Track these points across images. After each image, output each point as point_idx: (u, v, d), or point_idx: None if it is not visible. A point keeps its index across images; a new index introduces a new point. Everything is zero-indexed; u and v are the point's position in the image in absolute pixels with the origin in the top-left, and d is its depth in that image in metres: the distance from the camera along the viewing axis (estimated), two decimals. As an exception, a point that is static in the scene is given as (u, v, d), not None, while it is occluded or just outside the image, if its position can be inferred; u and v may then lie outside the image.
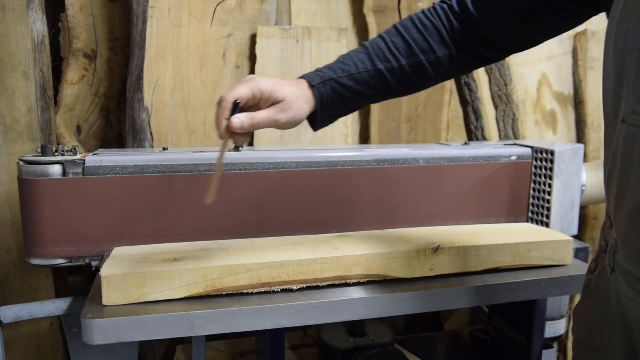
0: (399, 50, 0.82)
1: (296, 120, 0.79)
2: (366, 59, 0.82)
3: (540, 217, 1.32)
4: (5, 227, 1.31)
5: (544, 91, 1.80)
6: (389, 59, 0.82)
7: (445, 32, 0.82)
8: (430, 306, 0.94)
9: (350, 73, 0.81)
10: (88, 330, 0.79)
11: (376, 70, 0.82)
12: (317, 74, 0.81)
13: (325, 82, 0.80)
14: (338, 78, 0.80)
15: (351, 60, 0.82)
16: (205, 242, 1.04)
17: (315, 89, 0.80)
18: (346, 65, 0.81)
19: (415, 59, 0.82)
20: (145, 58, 1.36)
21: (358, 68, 0.81)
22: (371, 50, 0.82)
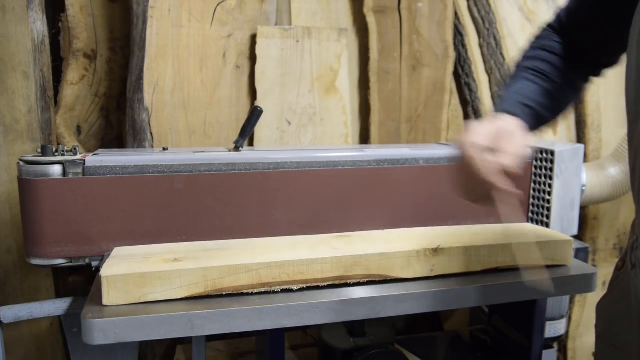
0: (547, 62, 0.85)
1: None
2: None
3: (540, 217, 1.32)
4: (5, 227, 1.31)
5: (544, 91, 1.79)
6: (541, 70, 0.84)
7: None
8: (430, 306, 0.94)
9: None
10: (88, 330, 0.79)
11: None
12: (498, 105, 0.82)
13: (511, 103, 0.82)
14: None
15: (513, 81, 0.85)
16: (205, 242, 1.04)
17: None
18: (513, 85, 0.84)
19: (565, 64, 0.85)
20: (145, 58, 1.36)
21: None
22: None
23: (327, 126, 1.57)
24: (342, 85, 1.58)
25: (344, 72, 1.59)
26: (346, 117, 1.59)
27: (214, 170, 1.09)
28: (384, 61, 1.64)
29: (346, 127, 1.59)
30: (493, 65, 1.73)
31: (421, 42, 1.66)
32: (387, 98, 1.65)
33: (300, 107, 1.54)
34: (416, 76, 1.67)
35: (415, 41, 1.66)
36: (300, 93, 1.54)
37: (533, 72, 0.83)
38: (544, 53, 0.84)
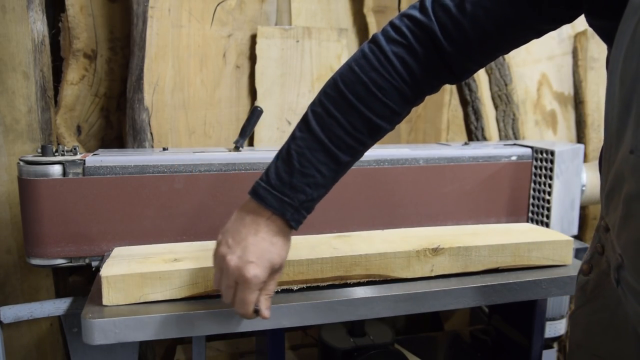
0: (360, 131, 0.70)
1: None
2: (327, 158, 0.70)
3: (540, 217, 1.32)
4: (5, 227, 1.31)
5: (544, 91, 1.80)
6: (351, 146, 0.71)
7: (407, 88, 0.70)
8: (430, 306, 0.94)
9: (317, 184, 0.71)
10: (88, 330, 0.79)
11: (341, 165, 0.72)
12: (283, 201, 0.70)
13: (297, 209, 0.71)
14: (308, 197, 0.71)
15: (311, 166, 0.70)
16: (205, 242, 1.04)
17: (290, 221, 0.72)
18: (309, 175, 0.70)
19: (378, 132, 0.72)
20: (145, 58, 1.36)
21: (323, 173, 0.71)
22: (328, 142, 0.69)
23: (327, 126, 1.57)
24: (342, 85, 1.58)
25: (344, 72, 1.59)
26: (346, 117, 1.59)
27: (214, 170, 1.09)
28: (384, 61, 1.64)
29: (346, 127, 1.59)
30: (493, 65, 1.73)
31: (421, 42, 1.66)
32: (387, 98, 1.65)
33: (300, 107, 1.54)
34: (416, 76, 1.67)
35: (415, 41, 1.66)
36: (300, 93, 1.54)
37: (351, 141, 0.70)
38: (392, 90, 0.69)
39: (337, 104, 0.69)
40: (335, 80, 0.71)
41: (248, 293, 0.70)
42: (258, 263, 0.69)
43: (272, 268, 0.72)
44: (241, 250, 0.70)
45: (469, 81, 1.73)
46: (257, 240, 0.70)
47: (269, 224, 0.71)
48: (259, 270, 0.69)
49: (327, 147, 0.70)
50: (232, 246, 0.71)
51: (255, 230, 0.71)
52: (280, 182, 0.70)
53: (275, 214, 0.71)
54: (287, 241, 0.74)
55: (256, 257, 0.69)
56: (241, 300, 0.71)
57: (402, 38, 0.68)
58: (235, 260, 0.70)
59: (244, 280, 0.69)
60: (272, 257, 0.71)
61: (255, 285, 0.70)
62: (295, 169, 0.70)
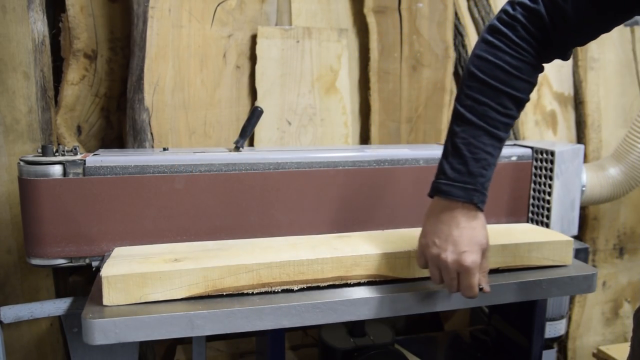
0: (509, 108, 0.80)
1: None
2: (490, 139, 0.80)
3: (541, 217, 1.32)
4: (5, 227, 1.31)
5: (544, 91, 1.80)
6: (507, 123, 0.81)
7: (536, 61, 0.81)
8: (430, 306, 0.94)
9: (489, 164, 0.81)
10: (88, 330, 0.79)
11: (503, 141, 0.82)
12: (466, 188, 0.79)
13: (481, 192, 0.80)
14: (487, 178, 0.81)
15: (481, 151, 0.79)
16: (205, 242, 1.04)
17: (478, 204, 0.80)
18: (481, 160, 0.79)
19: (523, 104, 0.83)
20: (146, 58, 1.36)
21: (492, 154, 0.81)
22: (487, 126, 0.79)
23: (327, 126, 1.57)
24: (342, 86, 1.58)
25: (344, 73, 1.59)
26: (346, 118, 1.59)
27: (214, 170, 1.09)
28: (384, 61, 1.64)
29: (346, 127, 1.59)
30: (493, 66, 1.72)
31: (421, 43, 1.66)
32: (387, 98, 1.65)
33: (300, 107, 1.54)
34: (416, 76, 1.67)
35: (416, 41, 1.66)
36: (301, 93, 1.54)
37: (501, 120, 0.80)
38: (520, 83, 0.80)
39: (482, 91, 0.79)
40: (471, 72, 0.80)
41: (471, 278, 0.80)
42: (471, 250, 0.79)
43: (482, 249, 0.81)
44: (452, 245, 0.79)
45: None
46: (460, 231, 0.79)
47: (464, 213, 0.80)
48: (475, 256, 0.79)
49: (488, 130, 0.79)
50: (440, 245, 0.81)
51: (455, 224, 0.80)
52: (459, 174, 0.79)
53: (465, 202, 0.79)
54: (482, 221, 0.82)
55: (467, 246, 0.79)
56: (467, 286, 0.80)
57: (517, 22, 0.78)
58: (450, 255, 0.79)
59: (465, 269, 0.79)
60: (479, 240, 0.80)
61: (475, 269, 0.79)
62: (468, 158, 0.79)
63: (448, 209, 0.80)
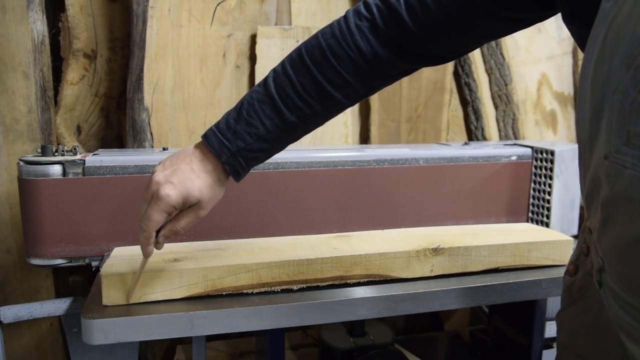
0: (309, 93, 0.71)
1: (216, 202, 0.77)
2: (273, 112, 0.72)
3: (540, 217, 1.32)
4: (5, 227, 1.31)
5: (544, 91, 1.80)
6: (299, 107, 0.72)
7: (363, 61, 0.71)
8: (430, 306, 0.94)
9: (259, 135, 0.72)
10: (88, 330, 0.79)
11: (287, 124, 0.73)
12: (222, 143, 0.72)
13: (234, 155, 0.73)
14: (247, 145, 0.72)
15: (257, 117, 0.72)
16: (205, 242, 1.04)
17: (225, 164, 0.73)
18: (252, 126, 0.72)
19: (329, 99, 0.73)
20: (145, 58, 1.36)
21: (266, 127, 0.72)
22: (277, 98, 0.72)
23: (327, 126, 1.57)
24: (342, 85, 1.58)
25: (344, 72, 1.59)
26: (346, 117, 1.59)
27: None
28: (384, 61, 1.64)
29: (346, 127, 1.59)
30: (493, 65, 1.73)
31: (421, 42, 1.66)
32: (387, 98, 1.65)
33: (300, 107, 1.54)
34: (416, 76, 1.67)
35: (415, 41, 1.66)
36: (300, 93, 1.54)
37: (302, 96, 0.72)
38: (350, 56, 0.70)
39: (293, 64, 0.72)
40: (299, 46, 0.74)
41: (155, 210, 0.72)
42: (176, 185, 0.71)
43: (187, 199, 0.72)
44: (170, 171, 0.73)
45: (469, 81, 1.73)
46: (187, 168, 0.73)
47: (205, 161, 0.74)
48: (173, 192, 0.71)
49: (275, 102, 0.72)
50: (165, 167, 0.74)
51: (189, 161, 0.74)
52: (226, 127, 0.73)
53: (212, 152, 0.73)
54: (215, 185, 0.75)
55: (178, 180, 0.72)
56: (147, 215, 0.73)
57: (368, 13, 0.70)
58: (160, 176, 0.72)
59: (157, 196, 0.71)
60: (192, 188, 0.72)
61: (163, 204, 0.71)
62: (242, 117, 0.73)
63: (196, 149, 0.75)
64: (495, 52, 1.72)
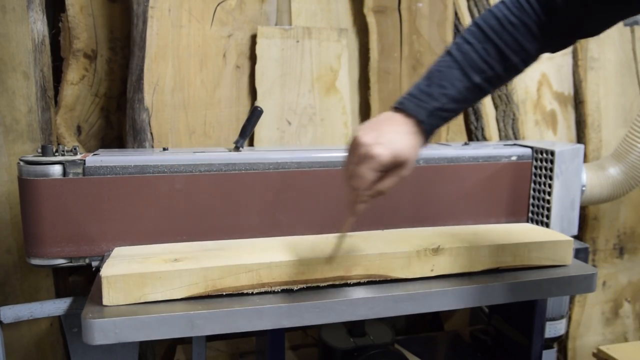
0: (491, 57, 0.81)
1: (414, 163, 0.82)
2: (461, 75, 0.80)
3: (540, 217, 1.32)
4: (5, 227, 1.31)
5: (544, 91, 1.80)
6: (483, 70, 0.81)
7: (535, 26, 0.80)
8: (430, 306, 0.94)
9: (451, 96, 0.80)
10: (88, 330, 0.79)
11: (473, 85, 0.81)
12: (419, 104, 0.79)
13: (431, 113, 0.79)
14: (443, 106, 0.80)
15: (447, 80, 0.80)
16: (205, 242, 1.04)
17: (423, 124, 0.79)
18: (444, 87, 0.80)
19: (508, 62, 0.81)
20: (146, 58, 1.36)
21: (457, 88, 0.80)
22: (463, 63, 0.81)
23: (327, 126, 1.57)
24: (342, 86, 1.58)
25: (344, 72, 1.59)
26: (346, 117, 1.59)
27: (214, 170, 1.09)
28: (384, 61, 1.64)
29: (346, 127, 1.59)
30: (493, 66, 1.72)
31: (421, 43, 1.66)
32: (388, 98, 1.65)
33: (300, 107, 1.54)
34: (416, 76, 1.67)
35: (416, 41, 1.66)
36: (301, 93, 1.54)
37: (478, 59, 0.80)
38: (512, 28, 0.80)
39: (474, 34, 0.82)
40: (474, 19, 0.84)
41: (367, 169, 0.76)
42: (387, 146, 0.76)
43: (397, 158, 0.77)
44: (376, 133, 0.77)
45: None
46: (391, 130, 0.78)
47: (406, 122, 0.79)
48: (386, 152, 0.75)
49: (462, 66, 0.80)
50: (368, 131, 0.78)
51: (392, 124, 0.79)
52: (419, 92, 0.80)
53: (411, 113, 0.79)
54: (417, 146, 0.80)
55: (387, 141, 0.76)
56: (360, 173, 0.76)
57: None
58: (368, 138, 0.76)
59: (370, 156, 0.75)
60: (401, 147, 0.77)
61: (377, 163, 0.75)
62: (433, 83, 0.80)
63: (395, 115, 0.80)
64: (495, 52, 1.72)
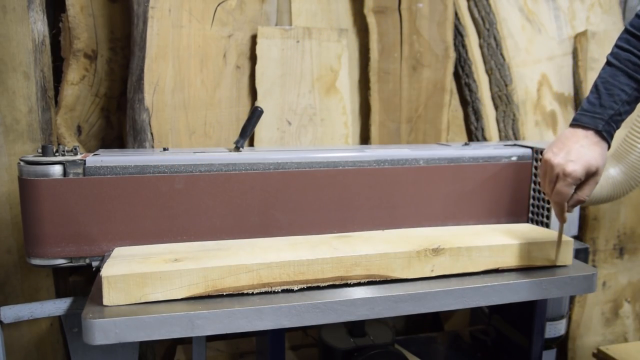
0: None
1: (604, 167, 0.93)
2: (627, 79, 0.88)
3: (540, 217, 1.32)
4: (6, 227, 1.31)
5: (544, 92, 1.80)
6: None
7: None
8: (430, 306, 0.94)
9: (623, 100, 0.88)
10: (88, 331, 0.79)
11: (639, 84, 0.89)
12: (594, 117, 0.89)
13: (607, 122, 0.88)
14: (616, 111, 0.88)
15: (615, 87, 0.88)
16: (205, 242, 1.04)
17: (603, 132, 0.88)
18: (615, 95, 0.88)
19: None
20: (146, 58, 1.36)
21: (627, 92, 0.88)
22: (626, 68, 0.88)
23: (327, 126, 1.58)
24: (342, 86, 1.58)
25: (344, 73, 1.59)
26: (346, 118, 1.59)
27: (214, 170, 1.09)
28: (384, 61, 1.64)
29: (346, 127, 1.59)
30: (493, 66, 1.73)
31: (421, 43, 1.66)
32: (388, 98, 1.65)
33: (300, 107, 1.54)
34: (416, 76, 1.67)
35: (416, 41, 1.66)
36: (301, 93, 1.55)
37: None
38: None
39: (629, 41, 0.90)
40: (626, 28, 0.91)
41: (565, 185, 0.88)
42: (577, 162, 0.87)
43: (589, 169, 0.88)
44: (565, 153, 0.89)
45: (469, 81, 1.73)
46: (577, 146, 0.89)
47: (587, 136, 0.89)
48: (578, 167, 0.87)
49: (626, 72, 0.88)
50: (556, 152, 0.90)
51: (575, 140, 0.90)
52: (591, 105, 0.90)
53: (589, 127, 0.89)
54: (604, 152, 0.90)
55: (576, 157, 0.88)
56: (559, 191, 0.89)
57: None
58: (559, 159, 0.89)
59: (565, 174, 0.88)
60: (590, 160, 0.88)
61: (572, 179, 0.87)
62: (602, 93, 0.90)
63: (573, 132, 0.90)
64: (496, 53, 1.72)
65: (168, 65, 1.40)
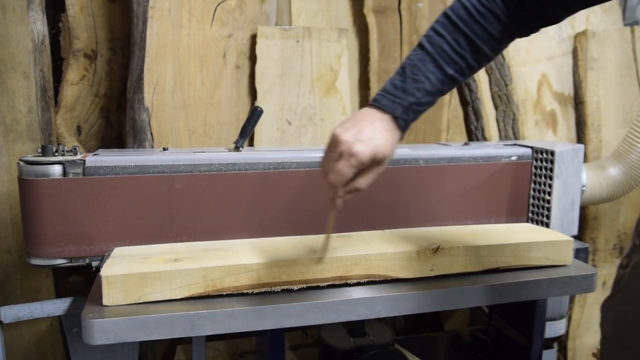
0: (463, 48, 0.82)
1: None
2: (434, 67, 0.82)
3: (540, 217, 1.32)
4: (5, 227, 1.31)
5: (544, 91, 1.80)
6: (456, 61, 0.82)
7: (502, 15, 0.81)
8: (430, 306, 0.94)
9: (425, 89, 0.81)
10: (88, 331, 0.79)
11: (447, 77, 0.82)
12: (394, 101, 0.81)
13: (406, 109, 0.81)
14: (417, 100, 0.81)
15: (421, 74, 0.82)
16: (205, 242, 1.04)
17: (399, 119, 0.81)
18: (419, 82, 0.81)
19: (479, 52, 0.83)
20: (146, 58, 1.36)
21: (431, 81, 0.82)
22: (436, 55, 0.82)
23: (327, 126, 1.57)
24: (342, 86, 1.58)
25: (344, 72, 1.59)
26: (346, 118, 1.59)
27: (214, 170, 1.09)
28: (384, 61, 1.64)
29: (346, 127, 1.59)
30: (493, 65, 1.72)
31: (421, 42, 1.66)
32: (387, 98, 1.65)
33: (300, 107, 1.54)
34: (416, 76, 1.67)
35: (416, 41, 1.66)
36: (301, 93, 1.54)
37: (450, 50, 0.81)
38: (482, 19, 0.81)
39: (444, 26, 0.83)
40: (444, 11, 0.85)
41: (347, 165, 0.77)
42: (367, 143, 0.77)
43: (376, 155, 0.78)
44: (356, 130, 0.78)
45: (469, 81, 1.73)
46: (371, 127, 0.79)
47: (383, 120, 0.80)
48: (366, 149, 0.76)
49: (435, 59, 0.81)
50: (347, 128, 0.79)
51: (371, 120, 0.80)
52: (394, 88, 0.81)
53: (387, 111, 0.80)
54: (395, 142, 0.82)
55: (367, 138, 0.77)
56: (339, 170, 0.78)
57: None
58: (348, 136, 0.77)
59: (350, 153, 0.76)
60: (380, 145, 0.78)
61: (357, 160, 0.76)
62: (407, 77, 0.81)
63: (372, 112, 0.81)
64: (495, 52, 1.72)
65: (168, 65, 1.40)
